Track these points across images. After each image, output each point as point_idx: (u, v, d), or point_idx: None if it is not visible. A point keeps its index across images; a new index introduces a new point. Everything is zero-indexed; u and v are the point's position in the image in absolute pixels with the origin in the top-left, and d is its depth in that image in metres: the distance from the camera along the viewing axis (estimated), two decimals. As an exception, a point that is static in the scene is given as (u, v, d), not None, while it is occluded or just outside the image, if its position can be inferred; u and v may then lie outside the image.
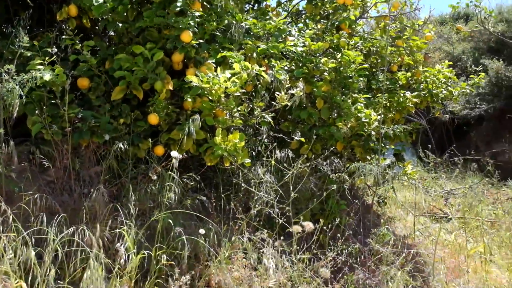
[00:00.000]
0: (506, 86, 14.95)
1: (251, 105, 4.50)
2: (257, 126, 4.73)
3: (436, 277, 4.76)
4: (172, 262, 3.63)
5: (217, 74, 3.97)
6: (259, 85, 4.47)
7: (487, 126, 15.42)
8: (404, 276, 4.30)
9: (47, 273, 3.00)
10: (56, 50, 3.89)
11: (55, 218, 3.33)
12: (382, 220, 4.95)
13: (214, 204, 4.49)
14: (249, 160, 3.99)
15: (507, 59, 15.38)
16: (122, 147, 3.92)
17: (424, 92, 6.18)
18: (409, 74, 6.38)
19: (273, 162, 3.76)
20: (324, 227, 3.97)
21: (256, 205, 3.91)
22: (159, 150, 4.15)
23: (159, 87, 3.98)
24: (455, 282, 4.93)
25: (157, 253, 3.55)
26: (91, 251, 3.19)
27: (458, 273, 5.41)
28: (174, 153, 3.63)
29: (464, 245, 6.13)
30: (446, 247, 6.44)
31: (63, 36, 4.14)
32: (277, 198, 3.94)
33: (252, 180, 4.03)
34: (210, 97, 4.02)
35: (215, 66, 4.25)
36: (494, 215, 8.31)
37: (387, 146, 6.06)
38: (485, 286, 4.66)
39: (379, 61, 6.07)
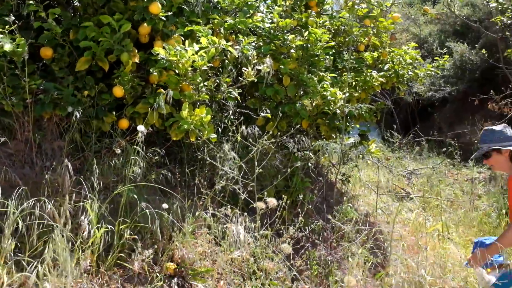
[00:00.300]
0: (470, 69, 15.23)
1: (218, 81, 4.48)
2: (224, 102, 4.72)
3: (395, 254, 4.88)
4: (136, 237, 3.62)
5: (185, 48, 3.93)
6: (226, 61, 4.45)
7: (451, 108, 15.73)
8: (365, 253, 4.39)
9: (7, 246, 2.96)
10: (13, 18, 3.75)
11: (15, 191, 3.28)
12: (345, 198, 5.02)
13: (179, 179, 4.48)
14: (215, 136, 3.98)
15: (472, 43, 15.65)
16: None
17: (390, 73, 6.24)
18: (375, 54, 6.42)
19: (239, 137, 3.75)
20: (288, 204, 4.00)
21: (221, 181, 3.91)
22: (124, 123, 4.10)
23: (125, 59, 3.92)
24: (414, 259, 5.05)
25: (121, 228, 3.53)
26: (54, 225, 3.16)
27: (417, 250, 5.55)
28: (140, 127, 3.60)
29: (423, 224, 6.28)
30: (407, 225, 6.59)
31: (29, 1, 3.98)
32: (242, 174, 3.96)
33: (217, 156, 4.03)
34: (176, 71, 3.98)
35: (183, 39, 4.20)
36: (453, 195, 8.52)
37: (352, 125, 6.13)
38: (441, 262, 4.78)
39: (346, 39, 6.10)
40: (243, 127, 4.01)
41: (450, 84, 15.57)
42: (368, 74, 5.96)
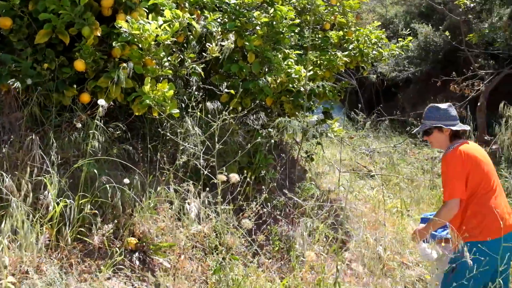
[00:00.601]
0: (433, 51, 15.46)
1: (182, 56, 4.44)
2: (188, 78, 4.69)
3: (354, 229, 4.98)
4: (96, 211, 3.60)
5: (148, 21, 3.88)
6: (191, 36, 4.42)
7: (414, 89, 15.97)
8: (326, 229, 4.47)
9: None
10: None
11: (-28, 164, 3.22)
12: (308, 175, 5.09)
13: (141, 154, 4.46)
14: (178, 111, 3.96)
15: (436, 25, 15.86)
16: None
17: (354, 52, 6.28)
18: (341, 33, 6.45)
19: (199, 113, 3.75)
20: (251, 180, 4.03)
21: (182, 156, 3.91)
22: (85, 97, 4.04)
23: (87, 33, 3.84)
24: (373, 235, 5.17)
25: (81, 202, 3.50)
26: (12, 198, 3.12)
27: (377, 226, 5.69)
28: (101, 101, 3.56)
29: (383, 201, 6.41)
30: (368, 202, 6.72)
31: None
32: (205, 150, 3.96)
33: (179, 131, 4.02)
34: (139, 45, 3.93)
35: (146, 12, 4.14)
36: (414, 173, 8.71)
37: (317, 104, 6.18)
38: (398, 237, 4.91)
39: (312, 18, 6.10)
40: (207, 102, 4.00)
41: (414, 65, 15.79)
42: (333, 53, 5.99)
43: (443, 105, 3.70)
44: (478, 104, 13.10)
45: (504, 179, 5.73)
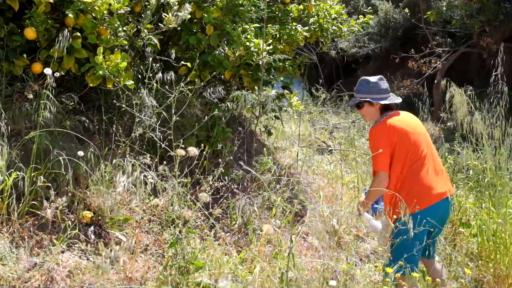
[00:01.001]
0: (393, 27, 15.62)
1: (138, 27, 4.34)
2: (144, 49, 4.59)
3: (312, 204, 5.03)
4: (49, 184, 3.52)
5: (102, -11, 3.77)
6: (148, 7, 4.31)
7: (373, 65, 16.15)
8: (283, 203, 4.49)
9: None
10: None
11: None
12: (265, 149, 5.09)
13: (97, 127, 4.37)
14: (133, 82, 3.88)
15: (396, 1, 15.99)
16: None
17: (314, 26, 6.27)
18: (301, 7, 6.42)
19: (155, 85, 3.68)
20: (208, 153, 4.01)
21: (138, 129, 3.85)
22: (37, 67, 3.90)
23: (38, -1, 3.70)
24: (330, 208, 5.24)
25: (33, 175, 3.42)
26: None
27: (334, 200, 5.76)
28: (47, 70, 3.45)
29: (341, 175, 6.49)
30: (325, 177, 6.80)
31: None
32: (162, 123, 3.90)
33: (135, 103, 3.95)
34: (93, 14, 3.82)
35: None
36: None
37: (276, 78, 6.16)
38: (354, 210, 4.99)
39: (272, -9, 6.05)
40: (164, 74, 3.92)
41: (374, 41, 15.93)
42: (293, 27, 5.95)
43: (373, 78, 3.75)
44: (435, 81, 13.35)
45: (456, 155, 5.87)
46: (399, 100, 3.74)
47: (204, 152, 3.57)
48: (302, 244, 4.49)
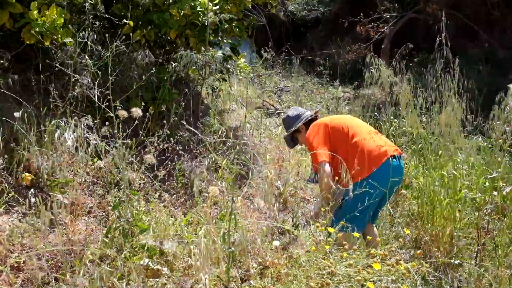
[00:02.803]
0: (343, -10, 15.60)
1: (78, -19, 4.16)
2: (86, 6, 4.40)
3: (259, 166, 5.04)
4: (-16, 146, 3.38)
5: None
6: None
7: (322, 29, 16.13)
8: (230, 165, 4.47)
9: None
10: None
11: None
12: (211, 111, 5.04)
13: (36, 86, 4.20)
14: (71, 40, 3.72)
15: (345, -36, 15.93)
16: None
17: (262, -13, 6.18)
18: (249, -34, 6.29)
19: (89, 43, 3.54)
20: (155, 115, 3.93)
21: (75, 88, 3.72)
22: (-34, 22, 3.69)
23: None
24: (277, 171, 5.27)
25: (-34, 136, 3.26)
26: None
27: (281, 163, 5.79)
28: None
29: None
30: (273, 140, 6.81)
31: None
32: (103, 83, 3.77)
33: (69, 62, 3.79)
34: (28, -34, 3.61)
35: None
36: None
37: (224, 39, 6.06)
38: (301, 173, 5.04)
39: None
40: (105, 33, 3.78)
41: (323, 4, 15.90)
42: (240, -13, 5.84)
43: (289, 112, 4.23)
44: (382, 46, 13.49)
45: (402, 119, 5.99)
46: (308, 113, 4.16)
47: (148, 114, 3.49)
48: (249, 206, 4.50)
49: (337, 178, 3.54)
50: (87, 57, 3.64)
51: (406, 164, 5.24)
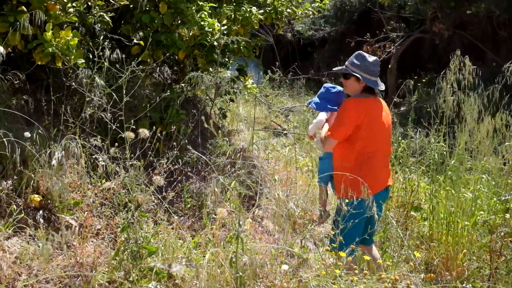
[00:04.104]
0: (349, 11, 15.70)
1: (89, 3, 4.18)
2: (95, 27, 4.43)
3: (267, 187, 5.02)
4: (-6, 168, 3.37)
5: (49, -37, 3.59)
6: (99, -18, 4.16)
7: (329, 49, 16.22)
8: (238, 186, 4.45)
9: None
10: None
11: None
12: (220, 132, 5.02)
13: (45, 107, 4.20)
14: (83, 61, 3.74)
15: (352, -15, 16.06)
16: None
17: (269, 9, 6.20)
18: (256, -12, 6.34)
19: (106, 64, 3.55)
20: (162, 136, 3.92)
21: (88, 109, 3.72)
22: (-21, 44, 3.71)
23: (-21, -30, 3.50)
24: (285, 192, 5.23)
25: (-25, 158, 3.26)
26: None
27: (289, 184, 5.76)
28: (-5, 47, 3.29)
29: (296, 159, 6.50)
30: (280, 160, 6.79)
31: None
32: (114, 104, 3.78)
33: (84, 82, 3.81)
34: (41, -12, 3.64)
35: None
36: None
37: (232, 60, 6.08)
38: (308, 194, 5.00)
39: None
40: (114, 53, 3.80)
41: (330, 24, 15.99)
42: (248, 9, 5.87)
43: (370, 58, 3.72)
44: (389, 66, 13.52)
45: (410, 139, 5.96)
46: (382, 87, 3.76)
47: (157, 134, 3.48)
48: (257, 228, 4.46)
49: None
50: (97, 78, 3.65)
51: (415, 185, 5.21)
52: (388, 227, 4.52)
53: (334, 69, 3.95)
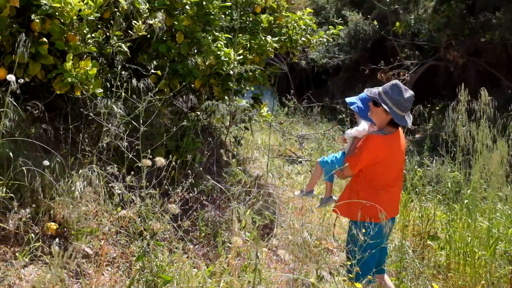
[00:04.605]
0: (363, 39, 15.79)
1: (107, 33, 4.25)
2: (113, 57, 4.50)
3: (282, 216, 4.99)
4: (12, 195, 3.40)
5: (71, -6, 3.67)
6: (117, 13, 4.23)
7: (343, 76, 16.28)
8: (253, 214, 4.43)
9: None
10: None
11: None
12: (234, 160, 5.03)
13: (63, 135, 4.25)
14: (101, 90, 3.79)
15: (366, 13, 16.18)
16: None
17: (284, 38, 6.26)
18: (271, 17, 6.40)
19: (123, 94, 3.60)
20: (178, 164, 3.94)
21: (106, 138, 3.76)
22: (1, 73, 3.76)
23: (2, 2, 3.56)
24: (300, 221, 5.20)
25: (-6, 185, 3.30)
26: None
27: (304, 212, 5.73)
28: (10, 77, 3.33)
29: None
30: (295, 188, 6.76)
31: None
32: (130, 132, 3.82)
33: (103, 112, 3.85)
34: (61, 19, 3.71)
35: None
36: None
37: (247, 88, 6.12)
38: (324, 223, 4.97)
39: (243, 0, 6.00)
40: (133, 83, 3.85)
41: (344, 52, 16.07)
42: (263, 38, 5.93)
43: (406, 93, 3.56)
44: (403, 93, 13.49)
45: (426, 168, 5.93)
46: (409, 122, 3.65)
47: (173, 163, 3.50)
48: (272, 257, 4.43)
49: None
50: (115, 107, 3.70)
51: (431, 213, 5.17)
52: (404, 257, 4.47)
53: (367, 90, 3.74)
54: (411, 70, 14.06)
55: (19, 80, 3.44)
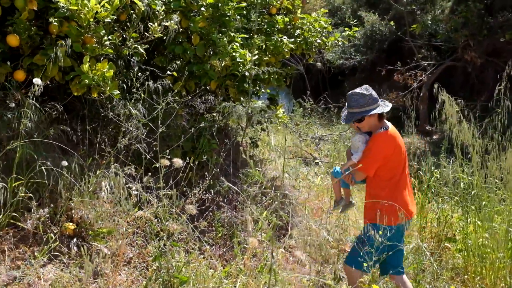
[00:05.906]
0: (379, 39, 15.71)
1: (124, 35, 4.29)
2: (129, 59, 4.53)
3: (298, 217, 4.98)
4: (31, 195, 3.44)
5: (88, -4, 3.71)
6: (134, 15, 4.26)
7: (360, 77, 16.20)
8: (269, 216, 4.43)
9: None
10: None
11: None
12: (251, 161, 5.04)
13: (81, 136, 4.30)
14: (118, 92, 3.82)
15: (382, 14, 16.09)
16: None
17: (300, 39, 6.25)
18: (287, 19, 6.39)
19: (142, 95, 3.62)
20: (194, 165, 3.95)
21: (124, 139, 3.78)
22: (20, 75, 3.82)
23: (20, 5, 3.61)
24: (317, 222, 5.19)
25: (14, 185, 3.33)
26: None
27: (320, 213, 5.72)
28: (36, 80, 3.38)
29: (327, 188, 6.46)
30: (312, 189, 6.75)
31: None
32: (147, 133, 3.84)
33: (121, 113, 3.89)
34: (78, 22, 3.75)
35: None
36: (357, 161, 8.79)
37: (263, 89, 6.12)
38: (339, 225, 4.95)
39: (259, 1, 6.00)
40: (150, 84, 3.87)
41: (360, 53, 16.00)
42: (279, 39, 5.92)
43: (364, 90, 3.72)
44: (421, 94, 13.42)
45: (442, 169, 5.88)
46: (389, 106, 3.76)
47: (190, 164, 3.51)
48: (289, 258, 4.43)
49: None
50: (132, 109, 3.72)
51: (448, 215, 5.13)
52: (421, 259, 4.43)
53: (343, 120, 3.90)
54: (428, 71, 13.96)
55: (39, 83, 3.47)
